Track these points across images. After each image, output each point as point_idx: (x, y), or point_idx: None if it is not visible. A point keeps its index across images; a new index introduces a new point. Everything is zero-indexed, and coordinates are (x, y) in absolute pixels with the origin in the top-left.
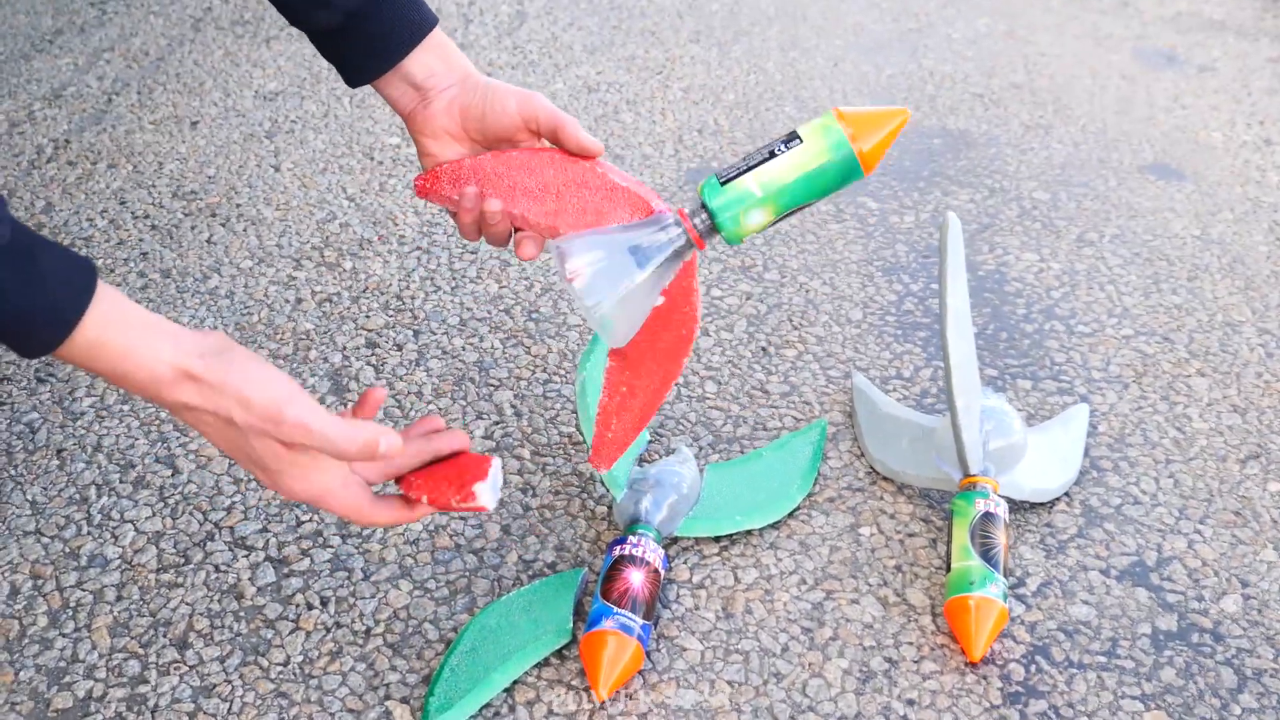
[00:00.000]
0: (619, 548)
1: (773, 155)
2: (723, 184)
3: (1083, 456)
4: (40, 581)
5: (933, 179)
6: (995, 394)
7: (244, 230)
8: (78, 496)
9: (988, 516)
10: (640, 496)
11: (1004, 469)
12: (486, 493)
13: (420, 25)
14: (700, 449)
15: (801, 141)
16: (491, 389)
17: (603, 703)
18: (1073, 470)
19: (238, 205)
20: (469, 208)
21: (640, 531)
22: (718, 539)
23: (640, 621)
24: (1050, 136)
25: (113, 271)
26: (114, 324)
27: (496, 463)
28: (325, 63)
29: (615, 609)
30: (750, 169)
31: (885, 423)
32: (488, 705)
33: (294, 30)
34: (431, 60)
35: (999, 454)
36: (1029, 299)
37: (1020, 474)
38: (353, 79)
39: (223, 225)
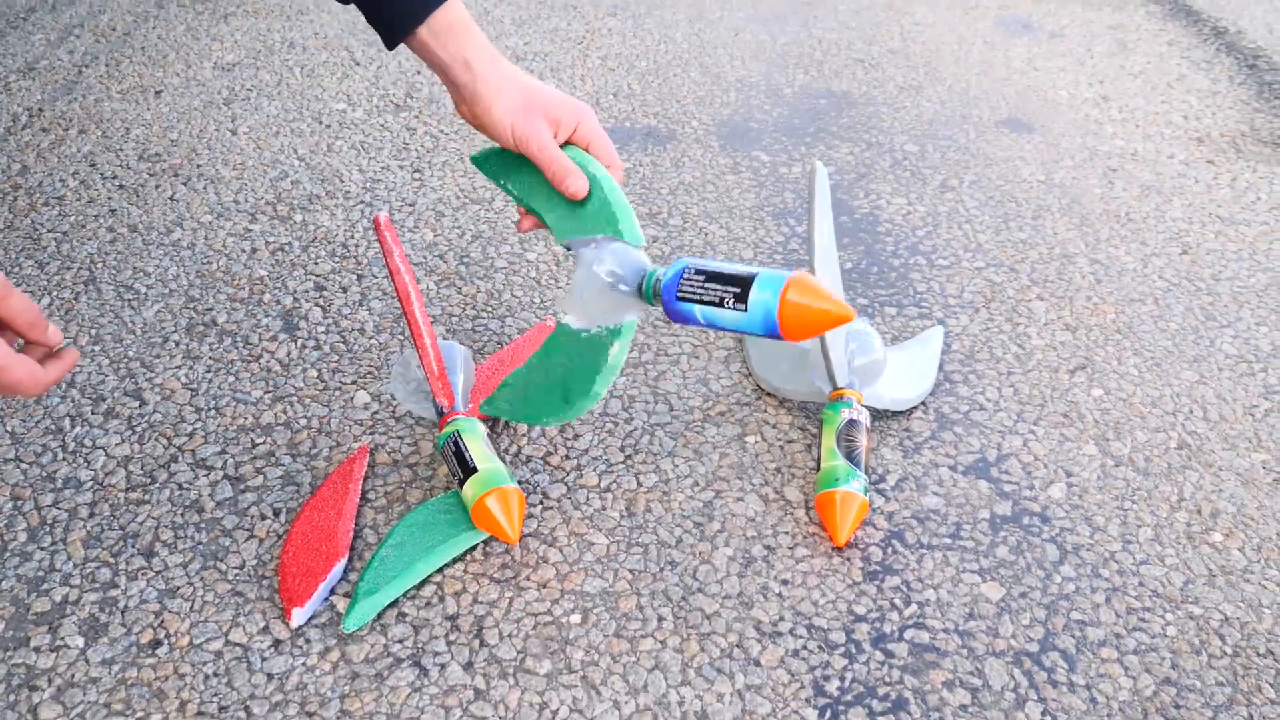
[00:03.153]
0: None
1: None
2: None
3: (937, 371)
4: (20, 502)
5: (818, 134)
6: (859, 318)
7: (204, 188)
8: (53, 427)
9: (852, 423)
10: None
11: (866, 382)
12: (300, 617)
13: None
14: None
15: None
16: None
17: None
18: (928, 383)
19: (198, 166)
20: None
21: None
22: (622, 449)
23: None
24: (921, 96)
25: (83, 228)
26: None
27: (334, 574)
28: (278, 36)
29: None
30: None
31: (768, 345)
32: (420, 597)
33: (250, 6)
34: (438, 47)
35: (862, 369)
36: (897, 238)
37: (881, 386)
38: (385, 40)
39: (184, 184)
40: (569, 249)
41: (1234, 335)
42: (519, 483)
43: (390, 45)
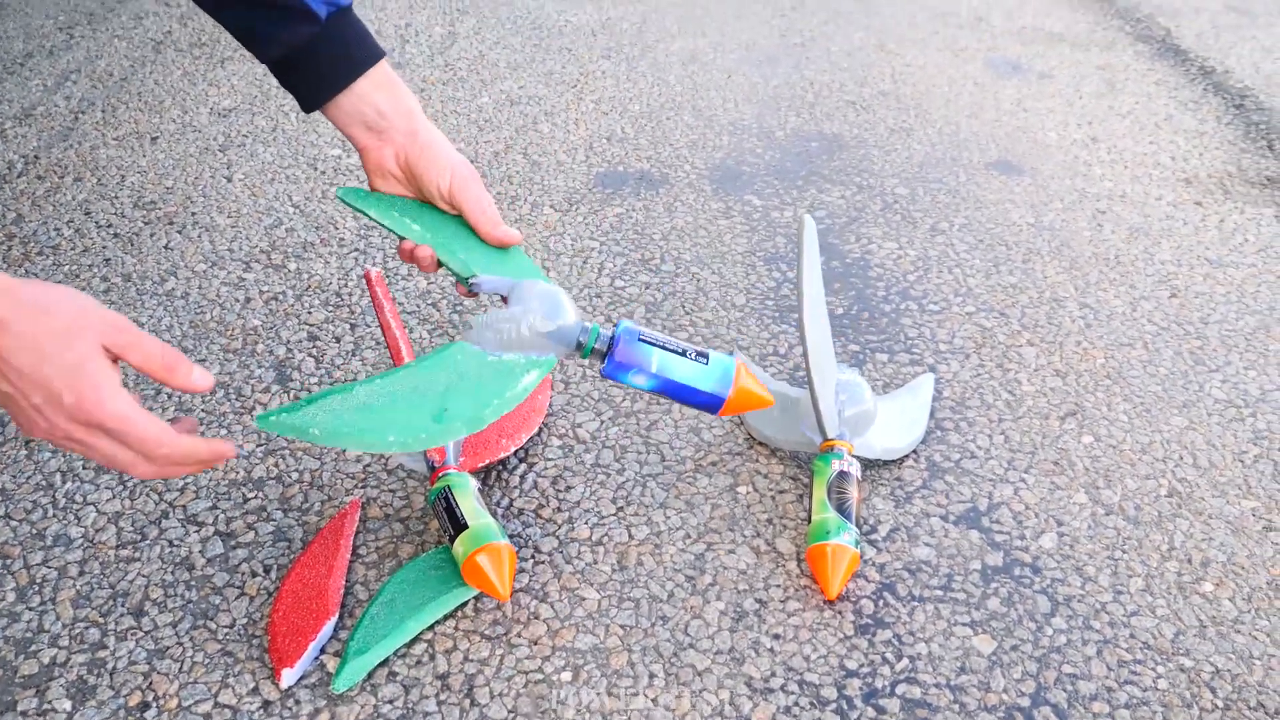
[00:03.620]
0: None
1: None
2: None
3: (929, 419)
4: (9, 561)
5: (809, 178)
6: (849, 368)
7: (198, 236)
8: (44, 483)
9: (842, 475)
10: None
11: (857, 432)
12: (290, 677)
13: (361, 60)
14: (602, 422)
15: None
16: None
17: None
18: (919, 431)
19: (193, 213)
20: None
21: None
22: (614, 500)
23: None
24: (911, 138)
25: (77, 277)
26: None
27: (319, 641)
28: (274, 81)
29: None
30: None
31: None
32: (411, 655)
33: (247, 52)
34: (381, 98)
35: (852, 420)
36: (888, 282)
37: (872, 436)
38: (304, 104)
39: (179, 232)
40: (473, 289)
41: (1223, 380)
42: (510, 537)
43: (319, 102)
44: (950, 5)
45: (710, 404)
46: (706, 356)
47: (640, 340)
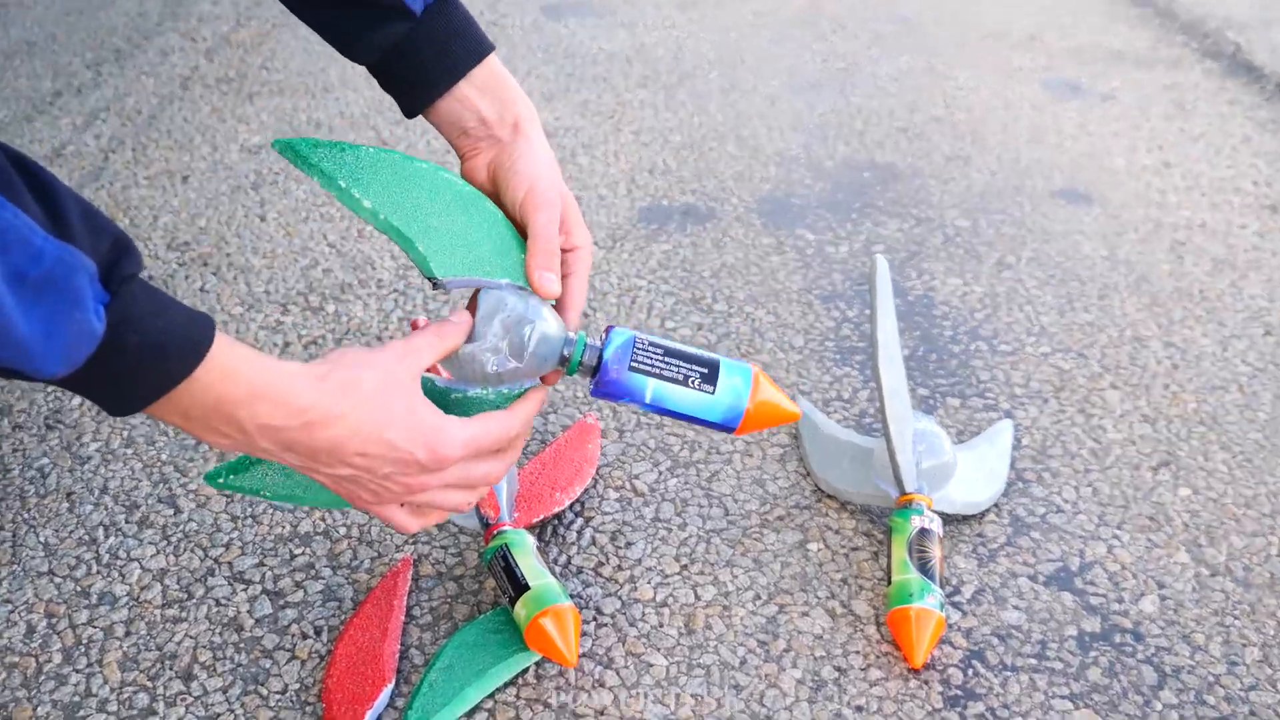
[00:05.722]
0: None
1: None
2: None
3: (1009, 469)
4: (54, 620)
5: (864, 210)
6: (926, 416)
7: (234, 278)
8: (87, 537)
9: (923, 532)
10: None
11: (936, 486)
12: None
13: (460, 59)
14: (660, 473)
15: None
16: None
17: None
18: (1000, 483)
19: (227, 255)
20: None
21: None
22: (677, 558)
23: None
24: (969, 166)
25: None
26: (240, 355)
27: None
28: (304, 116)
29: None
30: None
31: (828, 444)
32: None
33: (274, 85)
34: (485, 104)
35: (931, 473)
36: (955, 321)
37: (952, 489)
38: (404, 111)
39: (214, 274)
40: (439, 287)
41: None
42: (571, 596)
43: (416, 109)
44: (1000, 24)
45: (720, 427)
46: (715, 379)
47: (632, 367)
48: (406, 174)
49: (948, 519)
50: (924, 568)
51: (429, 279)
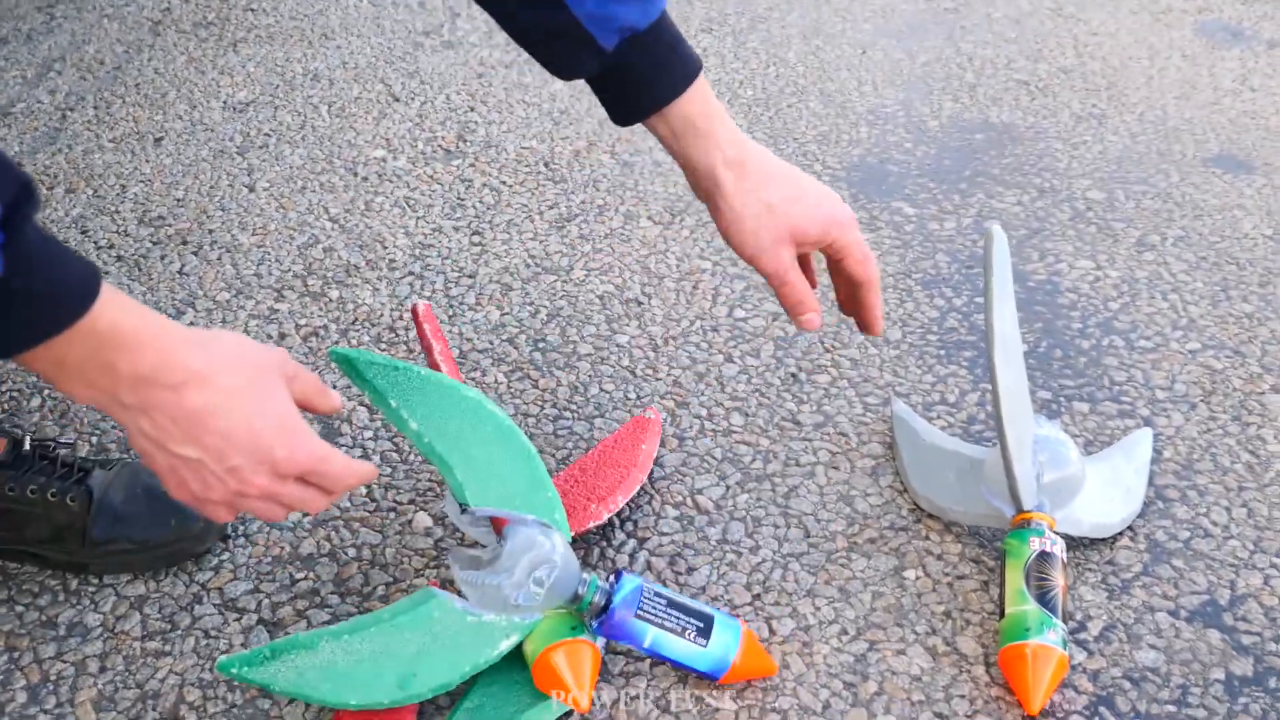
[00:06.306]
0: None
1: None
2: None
3: (1147, 486)
4: (16, 654)
5: (975, 179)
6: (1048, 421)
7: (218, 259)
8: None
9: (1044, 556)
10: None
11: (1060, 503)
12: None
13: (653, 97)
14: (727, 488)
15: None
16: None
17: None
18: (1136, 502)
19: (210, 231)
20: None
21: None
22: (748, 586)
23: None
24: (1104, 127)
25: None
26: (128, 304)
27: None
28: (298, 67)
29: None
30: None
31: (929, 454)
32: None
33: (262, 31)
34: (678, 150)
35: (1054, 487)
36: (1084, 311)
37: (1078, 508)
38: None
39: (195, 254)
40: (468, 514)
41: None
42: None
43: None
44: None
45: (709, 676)
46: (709, 633)
47: (638, 615)
48: (453, 402)
49: (1072, 542)
50: (1044, 598)
51: (460, 505)
